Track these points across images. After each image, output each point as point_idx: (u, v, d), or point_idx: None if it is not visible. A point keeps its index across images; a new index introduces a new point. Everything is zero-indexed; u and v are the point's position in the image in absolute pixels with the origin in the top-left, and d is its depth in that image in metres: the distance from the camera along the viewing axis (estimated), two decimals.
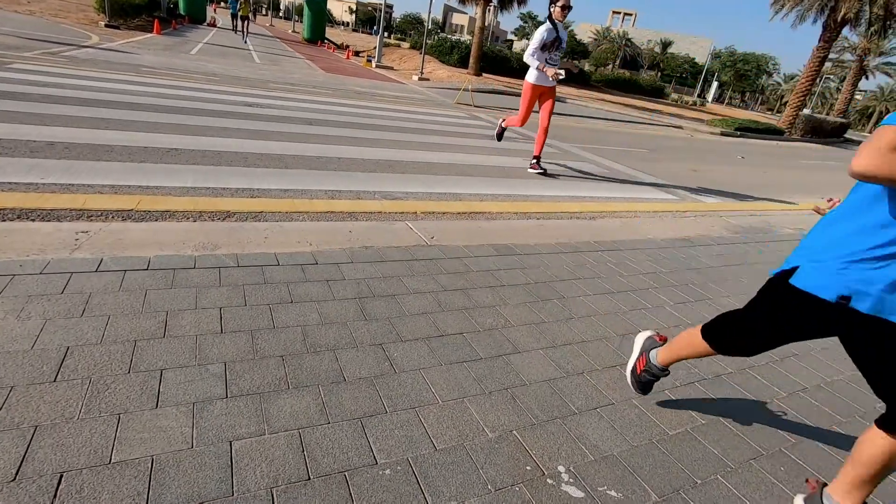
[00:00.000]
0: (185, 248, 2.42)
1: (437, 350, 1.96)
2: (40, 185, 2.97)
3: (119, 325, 1.76)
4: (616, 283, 2.92)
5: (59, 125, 4.30)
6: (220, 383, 1.57)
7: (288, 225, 2.96)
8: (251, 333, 1.85)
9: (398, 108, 9.76)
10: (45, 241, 2.25)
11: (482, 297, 2.46)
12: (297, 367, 1.72)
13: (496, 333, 2.16)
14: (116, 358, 1.60)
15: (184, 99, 6.58)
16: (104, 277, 2.04)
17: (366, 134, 6.43)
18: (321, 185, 3.92)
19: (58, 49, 9.51)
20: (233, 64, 12.57)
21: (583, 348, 2.17)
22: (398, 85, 15.35)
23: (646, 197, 5.55)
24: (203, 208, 3.02)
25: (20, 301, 1.80)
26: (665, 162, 8.81)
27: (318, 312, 2.07)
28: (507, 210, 4.05)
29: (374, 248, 2.80)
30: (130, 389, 1.49)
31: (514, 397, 1.76)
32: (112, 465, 1.24)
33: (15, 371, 1.48)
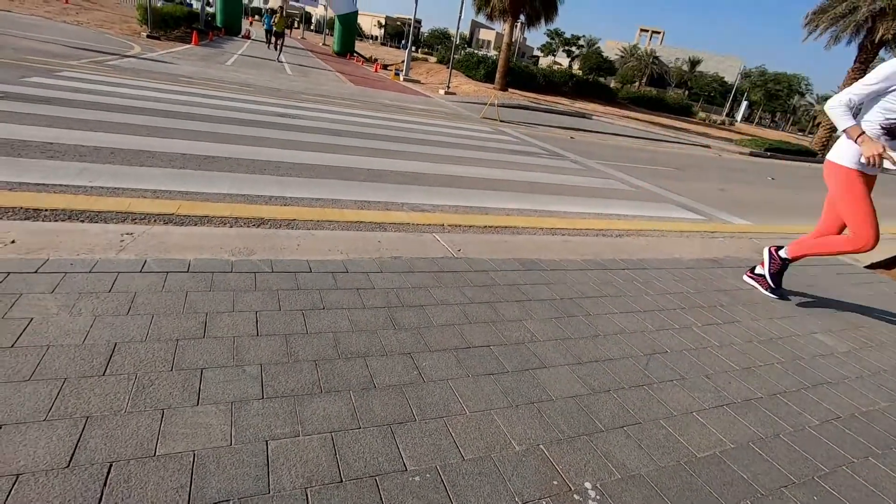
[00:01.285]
0: (222, 252, 2.51)
1: (465, 361, 1.99)
2: (89, 188, 3.12)
3: (162, 324, 1.84)
4: (642, 303, 2.91)
5: (105, 131, 4.51)
6: (256, 384, 1.63)
7: (319, 233, 3.04)
8: (285, 338, 1.91)
9: (425, 122, 9.91)
10: (94, 242, 2.37)
11: (508, 311, 2.48)
12: (330, 372, 1.77)
13: (523, 348, 2.17)
14: (160, 356, 1.68)
15: (219, 108, 6.82)
16: (148, 278, 2.14)
17: (393, 146, 6.56)
18: (351, 196, 4.01)
19: (102, 58, 9.97)
20: (266, 75, 12.97)
21: (609, 366, 2.16)
22: (425, 98, 15.58)
23: (672, 216, 5.50)
24: (239, 214, 3.13)
25: (72, 297, 1.90)
26: (692, 181, 8.71)
27: (348, 320, 2.12)
28: (532, 225, 4.07)
29: (403, 259, 2.85)
30: (173, 386, 1.55)
31: (540, 412, 1.77)
32: (157, 457, 1.30)
33: (67, 364, 1.56)
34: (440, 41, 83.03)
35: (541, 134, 11.74)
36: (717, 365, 2.35)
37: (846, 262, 4.70)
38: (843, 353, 2.74)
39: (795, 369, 2.46)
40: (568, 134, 12.82)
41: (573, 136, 12.40)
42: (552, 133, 12.36)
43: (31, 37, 11.05)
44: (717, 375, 2.25)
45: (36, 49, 9.28)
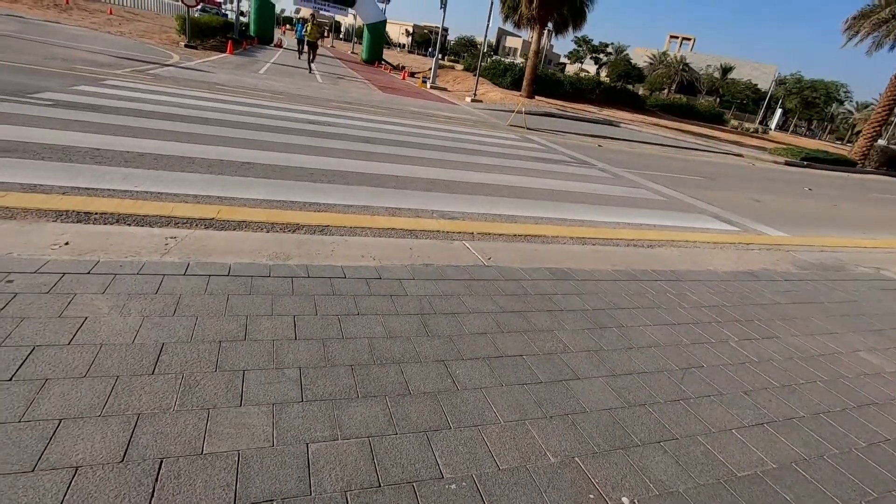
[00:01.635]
0: (260, 256, 2.58)
1: (498, 371, 1.99)
2: (134, 193, 3.25)
3: (206, 326, 1.91)
4: (677, 315, 2.86)
5: (148, 138, 4.70)
6: (295, 387, 1.67)
7: (352, 239, 3.09)
8: (322, 342, 1.95)
9: (452, 129, 9.97)
10: (140, 245, 2.47)
11: (540, 321, 2.47)
12: (366, 377, 1.79)
13: (555, 358, 2.16)
14: (204, 356, 1.74)
15: (253, 115, 7.02)
16: (191, 281, 2.21)
17: (422, 153, 6.62)
18: (381, 202, 4.07)
19: (144, 67, 10.38)
20: (297, 83, 13.26)
21: (644, 379, 2.13)
22: (452, 106, 15.68)
23: (705, 226, 5.39)
24: (275, 220, 3.21)
25: (122, 298, 1.98)
26: (724, 191, 8.51)
27: (383, 326, 2.15)
28: (562, 234, 4.05)
29: (434, 266, 2.87)
30: (217, 387, 1.60)
31: (574, 424, 1.76)
32: (204, 455, 1.35)
33: (119, 362, 1.63)
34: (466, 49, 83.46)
35: (568, 142, 11.65)
36: (756, 381, 2.29)
37: (891, 278, 4.51)
38: (891, 373, 2.63)
39: (839, 388, 2.37)
40: (595, 142, 12.69)
41: (601, 144, 12.27)
42: (579, 141, 12.26)
43: (78, 47, 11.59)
44: (756, 392, 2.19)
45: (83, 59, 9.73)
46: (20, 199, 2.80)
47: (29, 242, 2.28)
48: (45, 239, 2.35)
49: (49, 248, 2.28)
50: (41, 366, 1.55)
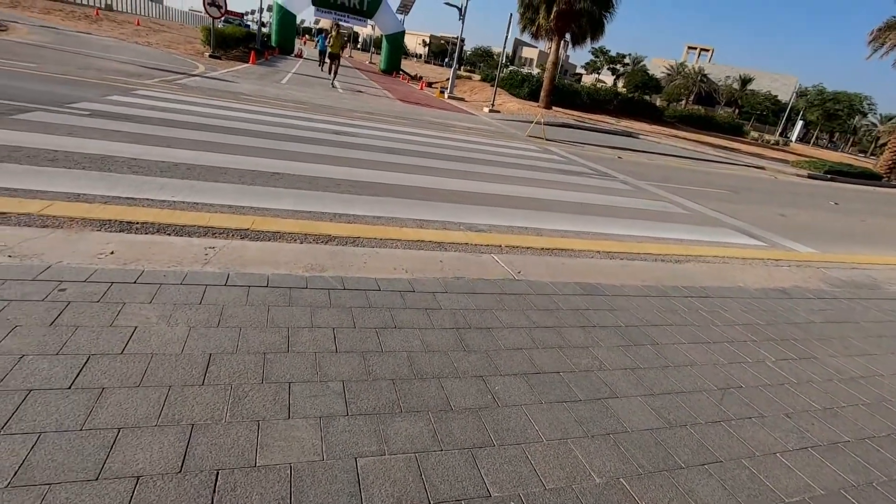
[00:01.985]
0: (296, 268, 2.62)
1: (536, 387, 1.99)
2: (172, 203, 3.33)
3: (250, 337, 1.94)
4: (711, 333, 2.82)
5: (180, 147, 4.81)
6: (340, 401, 1.69)
7: (383, 251, 3.12)
8: (362, 355, 1.97)
9: (472, 140, 10.03)
10: (181, 255, 2.53)
11: (574, 337, 2.46)
12: (407, 391, 1.81)
13: (592, 376, 2.15)
14: (251, 368, 1.77)
15: (279, 126, 7.14)
16: (233, 291, 2.26)
17: (444, 164, 6.66)
18: (408, 214, 4.10)
19: (172, 77, 10.64)
20: (318, 93, 13.47)
21: (683, 399, 2.11)
22: (470, 116, 15.77)
23: (731, 241, 5.32)
24: (307, 231, 3.26)
25: (168, 308, 2.03)
26: (747, 204, 8.40)
27: (420, 340, 2.17)
28: (589, 248, 4.04)
29: (465, 280, 2.89)
30: (265, 399, 1.63)
31: (617, 444, 1.75)
32: (258, 468, 1.37)
33: (170, 372, 1.67)
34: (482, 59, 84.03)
35: (587, 153, 11.63)
36: (797, 404, 2.25)
37: None
38: None
39: (883, 412, 2.32)
40: (615, 153, 12.64)
41: (620, 156, 12.22)
42: (599, 152, 12.22)
43: (109, 57, 11.95)
44: (797, 415, 2.16)
45: (114, 69, 10.02)
46: (66, 209, 2.89)
47: (77, 251, 2.35)
48: (91, 248, 2.42)
49: (96, 256, 2.34)
50: (97, 374, 1.59)
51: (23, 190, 3.08)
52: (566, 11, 20.58)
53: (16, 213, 2.72)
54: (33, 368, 1.56)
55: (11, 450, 1.28)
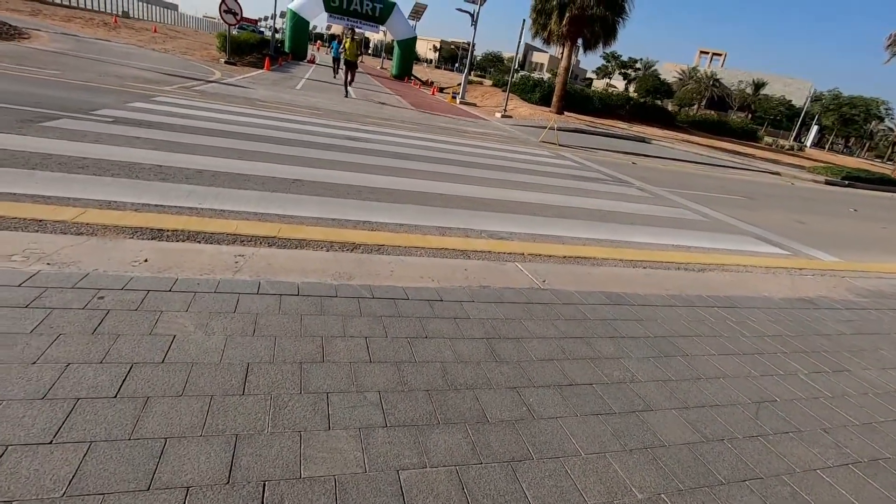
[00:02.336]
0: (325, 276, 2.64)
1: (570, 399, 1.98)
2: (199, 210, 3.38)
3: (285, 347, 1.95)
4: (740, 345, 2.79)
5: (202, 154, 4.87)
6: (378, 412, 1.69)
7: (408, 259, 3.13)
8: (396, 365, 1.98)
9: (486, 145, 10.04)
10: (212, 263, 2.56)
11: (604, 348, 2.45)
12: (443, 403, 1.81)
13: (625, 388, 2.14)
14: (288, 378, 1.78)
15: (296, 132, 7.21)
16: (265, 300, 2.28)
17: (460, 171, 6.68)
18: (430, 221, 4.11)
19: (190, 84, 10.79)
20: (332, 99, 13.59)
21: (718, 412, 2.09)
22: (482, 121, 15.80)
23: (752, 250, 5.26)
24: (333, 238, 3.28)
25: (204, 317, 2.05)
26: (765, 211, 8.31)
27: (452, 350, 2.17)
28: (611, 256, 4.02)
29: (491, 289, 2.88)
30: (305, 409, 1.64)
31: (655, 458, 1.73)
32: (303, 479, 1.37)
33: (211, 382, 1.68)
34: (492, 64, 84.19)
35: (601, 158, 11.59)
36: (834, 418, 2.22)
37: None
38: None
39: None
40: (629, 159, 12.59)
41: (635, 162, 12.16)
42: (613, 158, 12.18)
43: (128, 64, 12.15)
44: (835, 430, 2.12)
45: (134, 76, 10.19)
46: (99, 216, 2.94)
47: (112, 259, 2.39)
48: (125, 255, 2.45)
49: (130, 264, 2.38)
50: (140, 384, 1.61)
51: (56, 197, 3.14)
52: (579, 17, 20.59)
53: (51, 221, 2.77)
54: (80, 376, 1.59)
55: (65, 458, 1.30)
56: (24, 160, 3.71)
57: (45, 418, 1.40)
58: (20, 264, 2.19)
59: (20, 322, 1.79)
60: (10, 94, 6.07)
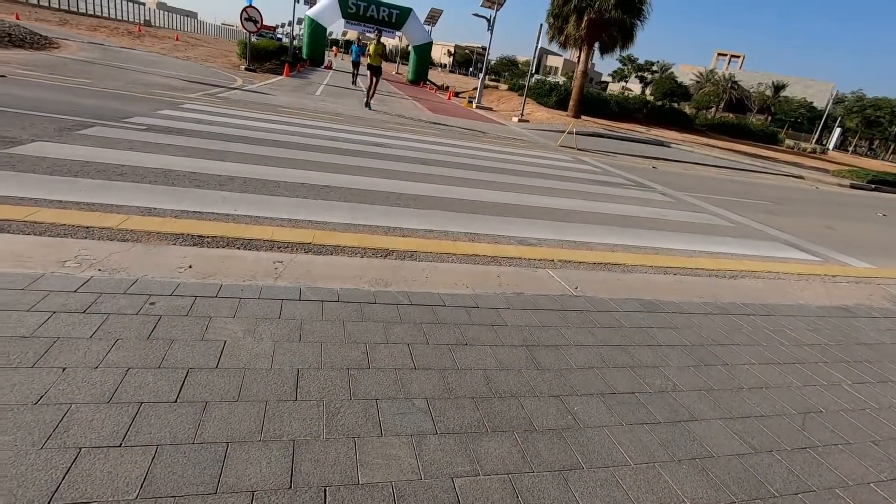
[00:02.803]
0: (362, 282, 2.67)
1: (614, 408, 1.97)
2: (235, 217, 3.44)
3: (331, 353, 1.99)
4: (779, 354, 2.75)
5: (233, 161, 4.97)
6: (427, 419, 1.71)
7: (442, 266, 3.15)
8: (440, 372, 2.00)
9: (506, 150, 10.05)
10: (253, 269, 2.61)
11: (643, 356, 2.44)
12: (489, 410, 1.82)
13: (668, 397, 2.12)
14: (337, 384, 1.81)
15: (320, 138, 7.30)
16: (308, 306, 2.31)
17: (483, 176, 6.70)
18: (458, 227, 4.13)
19: (213, 91, 11.00)
20: (350, 104, 13.72)
21: (763, 423, 2.06)
22: (499, 126, 15.81)
23: (783, 256, 5.18)
24: (366, 245, 3.32)
25: (251, 322, 2.10)
26: (792, 216, 8.17)
27: (493, 357, 2.18)
28: (641, 263, 3.99)
29: (526, 296, 2.89)
30: (356, 415, 1.67)
31: (705, 469, 1.72)
32: (361, 486, 1.40)
33: (265, 387, 1.72)
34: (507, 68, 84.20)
35: (621, 163, 11.51)
36: (882, 430, 2.17)
37: None
38: None
39: None
40: (648, 163, 12.48)
41: (655, 166, 12.05)
42: (632, 162, 12.08)
43: (153, 72, 12.44)
44: (885, 443, 2.08)
45: (159, 83, 10.42)
46: (141, 223, 3.02)
47: (159, 265, 2.45)
48: (170, 262, 2.52)
49: (176, 270, 2.44)
50: (198, 389, 1.65)
51: (99, 204, 3.23)
52: (597, 20, 20.51)
53: (98, 227, 2.85)
54: (141, 381, 1.63)
55: (135, 461, 1.34)
56: (66, 168, 3.82)
57: (112, 422, 1.45)
58: (74, 270, 2.26)
59: (80, 327, 1.85)
60: (47, 102, 6.26)
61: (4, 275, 2.12)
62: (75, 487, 1.24)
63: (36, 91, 7.03)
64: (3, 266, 2.19)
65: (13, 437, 1.35)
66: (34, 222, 2.79)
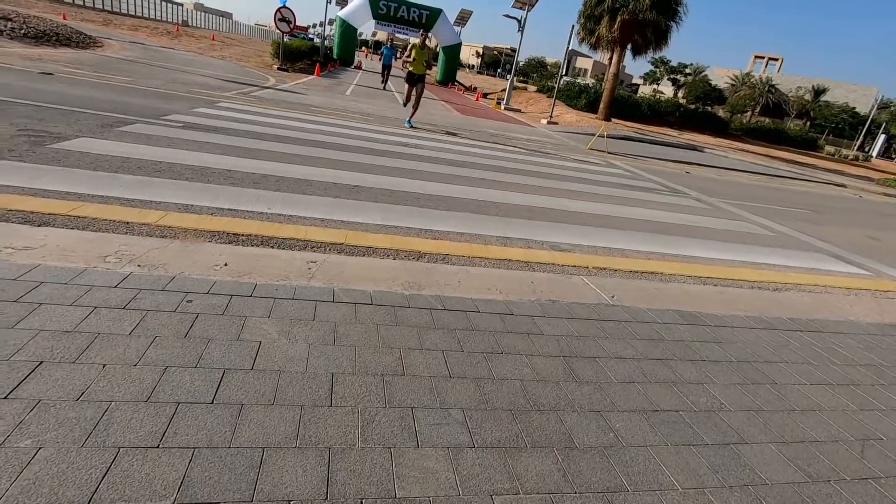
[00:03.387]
0: (395, 285, 2.64)
1: (658, 427, 1.88)
2: (269, 215, 3.46)
3: (366, 358, 1.95)
4: (831, 374, 2.60)
5: (267, 160, 5.02)
6: (464, 431, 1.66)
7: (474, 270, 3.09)
8: (476, 382, 1.94)
9: (535, 152, 9.93)
10: (287, 269, 2.60)
11: (686, 372, 2.33)
12: (528, 424, 1.75)
13: (714, 417, 2.02)
14: (372, 390, 1.77)
15: (351, 137, 7.34)
16: (341, 308, 2.29)
17: (513, 178, 6.61)
18: (489, 231, 4.07)
19: (247, 90, 11.21)
20: (381, 104, 13.80)
21: (819, 449, 1.93)
22: (528, 128, 15.66)
23: (828, 268, 4.94)
24: (398, 247, 3.29)
25: (285, 324, 2.08)
26: (834, 226, 7.81)
27: (530, 367, 2.11)
28: (679, 272, 3.85)
29: (561, 304, 2.81)
30: (392, 424, 1.62)
31: (759, 498, 1.61)
32: (399, 500, 1.35)
33: (300, 392, 1.69)
34: (535, 70, 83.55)
35: (652, 167, 11.24)
36: None
37: None
38: None
39: None
40: (681, 168, 12.16)
41: (688, 171, 11.73)
42: (665, 167, 11.79)
43: (191, 71, 12.76)
44: None
45: (196, 82, 10.67)
46: (179, 219, 3.06)
47: (196, 262, 2.47)
48: (207, 259, 2.53)
49: (212, 268, 2.45)
50: (234, 390, 1.64)
51: (138, 200, 3.29)
52: (630, 22, 20.13)
53: (137, 223, 2.90)
54: (178, 381, 1.63)
55: (172, 464, 1.32)
56: (108, 163, 3.92)
57: (150, 422, 1.44)
58: (114, 265, 2.29)
59: (120, 324, 1.86)
60: (91, 99, 6.47)
61: (50, 268, 2.16)
62: (114, 489, 1.23)
63: (81, 88, 7.27)
64: (49, 259, 2.24)
65: (55, 433, 1.35)
66: (78, 216, 2.85)
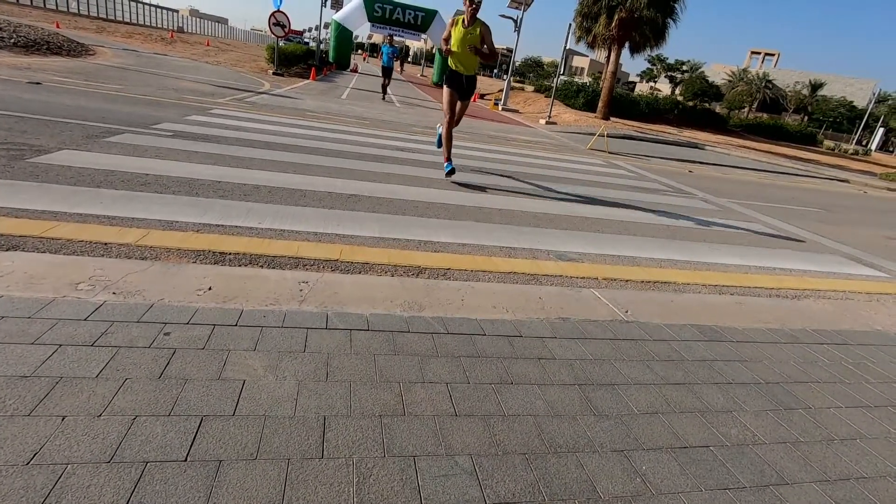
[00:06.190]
0: (393, 306, 2.44)
1: (688, 468, 1.68)
2: (259, 230, 3.27)
3: (361, 395, 1.76)
4: (866, 394, 2.40)
5: (258, 168, 4.83)
6: (474, 483, 1.46)
7: (478, 285, 2.90)
8: (485, 420, 1.74)
9: (536, 154, 9.74)
10: (277, 291, 2.41)
11: (712, 398, 2.13)
12: (545, 470, 1.56)
13: (749, 452, 1.82)
14: (369, 436, 1.58)
15: (347, 143, 7.15)
16: (335, 336, 2.10)
17: (514, 183, 6.43)
18: (493, 241, 3.88)
19: (241, 95, 11.03)
20: (377, 108, 13.62)
21: (867, 488, 1.74)
22: (527, 128, 15.48)
23: (846, 272, 4.74)
24: (397, 261, 3.09)
25: (273, 357, 1.89)
26: (846, 225, 7.63)
27: (542, 400, 1.91)
28: (693, 281, 3.66)
29: (572, 322, 2.61)
30: (392, 479, 1.43)
31: None
32: None
33: (287, 441, 1.50)
34: (532, 69, 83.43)
35: (655, 167, 11.06)
36: None
37: None
38: None
39: None
40: (684, 167, 11.97)
41: (691, 170, 11.54)
42: (667, 166, 11.61)
43: (184, 77, 12.58)
44: None
45: (190, 88, 10.49)
46: (162, 238, 2.86)
47: (177, 287, 2.28)
48: (189, 283, 2.34)
49: (195, 293, 2.26)
50: (212, 443, 1.44)
51: (120, 217, 3.10)
52: (627, 19, 19.98)
53: (116, 244, 2.71)
54: (148, 434, 1.43)
55: None
56: (90, 178, 3.72)
57: (111, 489, 1.25)
58: (87, 294, 2.09)
59: (86, 365, 1.67)
60: (79, 109, 6.28)
61: (14, 300, 1.96)
62: None
63: (69, 98, 7.08)
64: (13, 289, 2.05)
65: None
66: (51, 238, 2.66)
